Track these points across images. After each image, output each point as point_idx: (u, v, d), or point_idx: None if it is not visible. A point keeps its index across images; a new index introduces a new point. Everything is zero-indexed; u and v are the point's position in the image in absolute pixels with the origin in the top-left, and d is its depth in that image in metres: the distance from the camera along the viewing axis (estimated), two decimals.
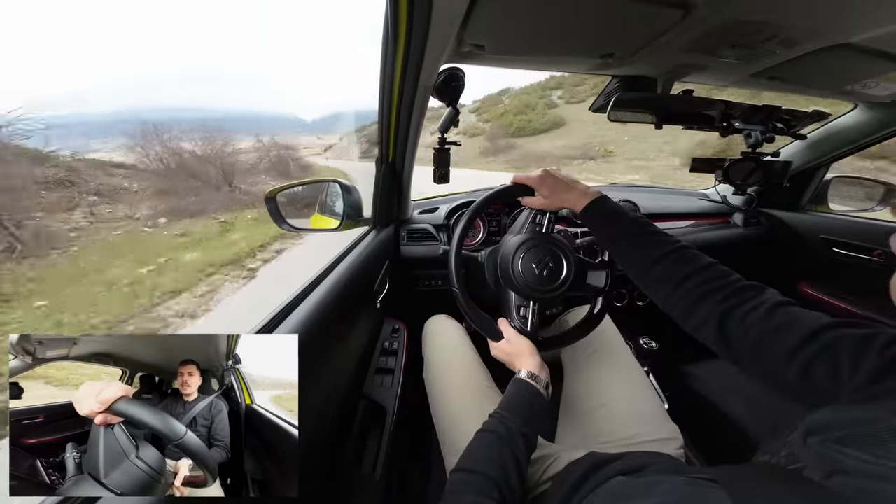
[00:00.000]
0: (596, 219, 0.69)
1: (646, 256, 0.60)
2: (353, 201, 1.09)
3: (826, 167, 1.42)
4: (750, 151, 1.09)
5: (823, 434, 0.31)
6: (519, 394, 0.65)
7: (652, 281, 0.59)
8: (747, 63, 0.81)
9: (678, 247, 0.59)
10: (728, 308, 0.50)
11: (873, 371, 0.36)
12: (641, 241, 0.62)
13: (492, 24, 0.64)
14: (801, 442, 0.32)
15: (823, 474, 0.29)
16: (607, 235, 0.66)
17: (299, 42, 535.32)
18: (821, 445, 0.30)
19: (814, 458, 0.30)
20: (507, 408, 0.62)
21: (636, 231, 0.63)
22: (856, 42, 0.70)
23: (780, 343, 0.43)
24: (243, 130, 21.37)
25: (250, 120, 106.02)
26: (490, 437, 0.57)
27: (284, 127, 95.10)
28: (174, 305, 5.03)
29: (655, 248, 0.59)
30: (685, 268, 0.55)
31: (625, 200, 1.40)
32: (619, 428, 0.75)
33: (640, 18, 0.64)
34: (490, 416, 0.62)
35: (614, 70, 0.91)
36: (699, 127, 1.01)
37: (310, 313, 0.64)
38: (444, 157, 1.06)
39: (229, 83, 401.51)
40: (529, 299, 0.78)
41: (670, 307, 0.57)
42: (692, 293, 0.53)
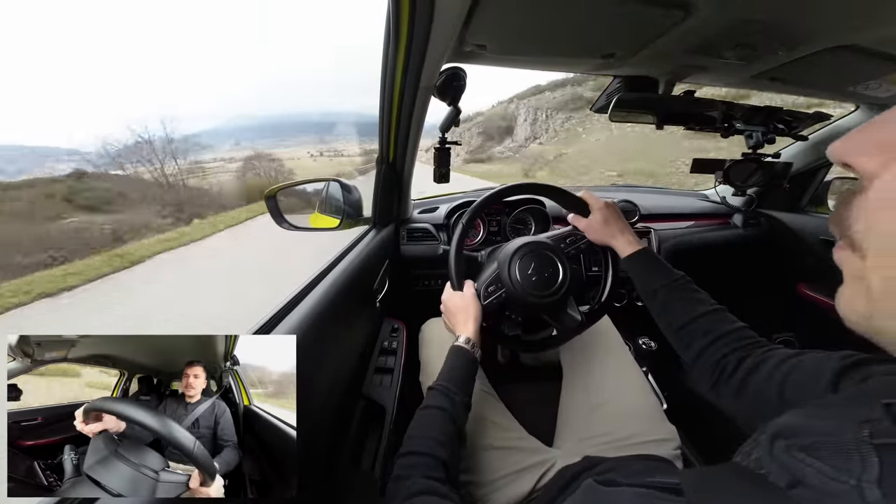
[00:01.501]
0: (642, 266, 0.72)
1: (688, 311, 0.63)
2: (352, 200, 1.08)
3: (827, 168, 1.42)
4: (751, 152, 1.09)
5: (790, 439, 0.29)
6: (459, 363, 0.67)
7: (688, 333, 0.62)
8: (749, 64, 0.81)
9: (718, 308, 0.63)
10: (756, 363, 0.52)
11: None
12: (684, 295, 0.66)
13: (494, 23, 0.64)
14: (768, 446, 0.30)
15: (786, 482, 0.27)
16: (651, 285, 0.69)
17: (298, 42, 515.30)
18: (785, 452, 0.28)
19: (776, 465, 0.28)
20: (449, 379, 0.64)
21: (680, 286, 0.67)
22: (858, 43, 0.70)
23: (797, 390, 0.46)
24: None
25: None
26: (436, 414, 0.58)
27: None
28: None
29: (699, 305, 0.63)
30: (726, 326, 0.59)
31: (625, 201, 1.40)
32: (616, 429, 0.75)
33: (641, 19, 0.63)
34: (432, 390, 0.63)
35: (616, 70, 0.90)
36: (700, 128, 1.01)
37: (308, 313, 0.64)
38: (444, 156, 1.06)
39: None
40: (522, 303, 0.79)
41: (700, 358, 0.59)
42: (727, 347, 0.56)
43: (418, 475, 0.49)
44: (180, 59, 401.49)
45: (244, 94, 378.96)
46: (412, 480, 0.48)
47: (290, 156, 61.60)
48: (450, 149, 1.05)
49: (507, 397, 0.86)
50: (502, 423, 0.77)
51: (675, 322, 0.63)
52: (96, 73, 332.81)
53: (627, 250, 0.74)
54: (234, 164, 34.73)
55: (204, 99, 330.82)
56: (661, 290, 0.67)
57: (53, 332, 0.37)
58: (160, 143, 24.09)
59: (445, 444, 0.54)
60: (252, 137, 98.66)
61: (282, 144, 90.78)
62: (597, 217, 0.80)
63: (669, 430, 0.75)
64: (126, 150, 23.72)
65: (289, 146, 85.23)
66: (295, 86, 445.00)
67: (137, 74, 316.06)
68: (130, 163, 22.88)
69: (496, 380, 0.89)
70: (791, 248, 1.50)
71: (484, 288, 0.80)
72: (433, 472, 0.50)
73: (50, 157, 44.23)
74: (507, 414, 0.81)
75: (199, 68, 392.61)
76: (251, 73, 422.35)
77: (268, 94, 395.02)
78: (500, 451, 0.71)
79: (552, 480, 0.65)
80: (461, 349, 0.69)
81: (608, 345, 0.91)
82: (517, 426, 0.79)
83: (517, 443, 0.74)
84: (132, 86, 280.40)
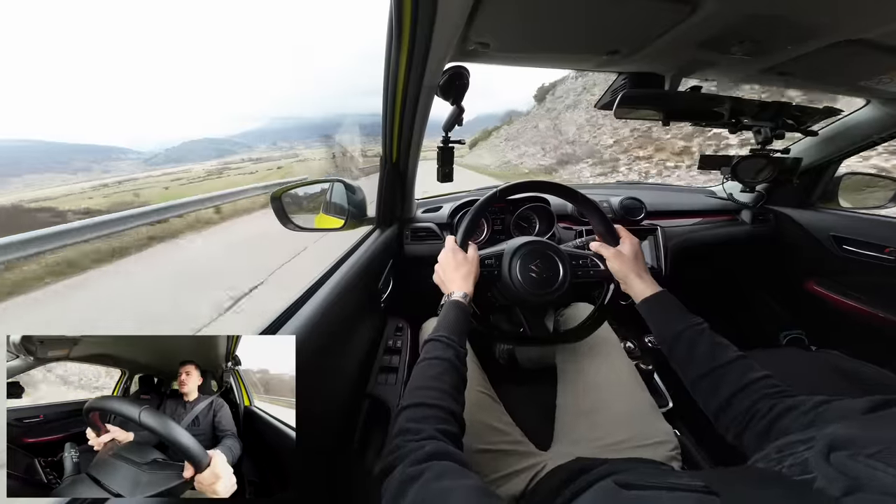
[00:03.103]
0: (662, 308, 0.71)
1: (715, 356, 0.61)
2: (356, 201, 1.08)
3: (837, 164, 1.40)
4: (759, 148, 1.07)
5: (851, 449, 0.29)
6: (461, 316, 0.68)
7: (715, 378, 0.60)
8: (757, 59, 0.79)
9: (742, 354, 0.61)
10: (787, 408, 0.51)
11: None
12: (709, 340, 0.63)
13: (497, 21, 0.63)
14: (823, 456, 0.30)
15: (843, 490, 0.27)
16: (675, 328, 0.67)
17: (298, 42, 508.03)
18: (849, 458, 0.28)
19: (835, 472, 0.28)
20: (451, 330, 0.63)
21: (703, 330, 0.65)
22: (869, 37, 0.68)
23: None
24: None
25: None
26: (442, 366, 0.57)
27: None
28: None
29: (727, 350, 0.61)
30: (755, 373, 0.57)
31: (630, 198, 1.39)
32: (611, 432, 0.74)
33: (646, 15, 0.63)
34: (432, 341, 0.61)
35: (621, 67, 0.89)
36: (707, 123, 0.99)
37: (314, 313, 0.64)
38: (447, 155, 1.05)
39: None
40: (519, 300, 0.81)
41: (731, 406, 0.57)
42: (757, 394, 0.55)
43: (430, 428, 0.45)
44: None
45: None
46: (424, 435, 0.44)
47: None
48: (453, 148, 1.05)
49: (506, 399, 0.85)
50: (498, 426, 0.76)
51: (701, 368, 0.62)
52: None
53: (647, 291, 0.73)
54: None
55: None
56: (686, 333, 0.65)
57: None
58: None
59: (454, 395, 0.52)
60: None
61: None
62: (627, 248, 0.80)
63: (665, 432, 0.74)
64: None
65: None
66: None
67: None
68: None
69: (495, 381, 0.88)
70: (800, 244, 1.48)
71: (483, 259, 0.83)
72: (445, 424, 0.47)
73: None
74: (505, 417, 0.80)
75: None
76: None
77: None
78: (493, 453, 0.70)
79: (543, 480, 0.64)
80: (460, 303, 0.70)
81: (601, 346, 0.89)
82: (514, 429, 0.78)
83: (512, 446, 0.73)
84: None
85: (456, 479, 0.36)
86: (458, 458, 0.41)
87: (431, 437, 0.44)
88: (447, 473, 0.37)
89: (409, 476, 0.37)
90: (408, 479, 0.36)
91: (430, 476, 0.36)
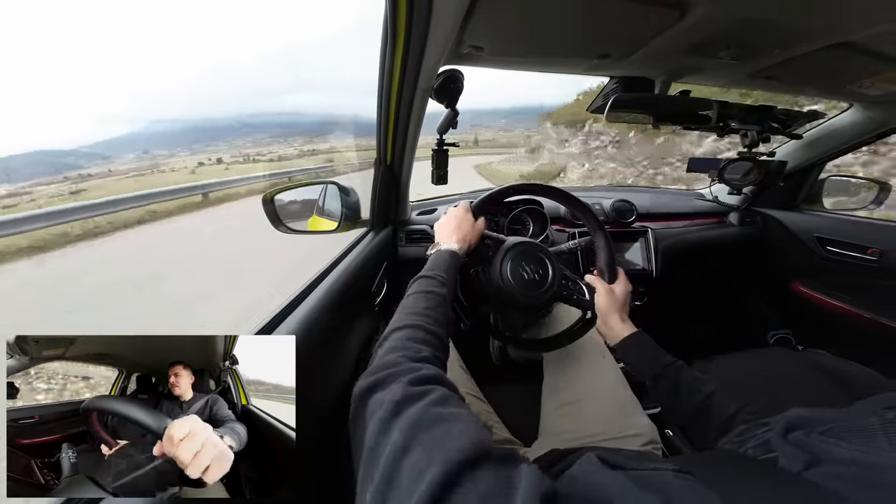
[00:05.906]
0: (640, 349, 0.75)
1: (700, 389, 0.64)
2: (351, 203, 1.08)
3: (821, 166, 1.44)
4: (746, 151, 1.10)
5: (807, 427, 0.32)
6: (452, 262, 0.68)
7: (702, 409, 0.62)
8: (744, 63, 0.81)
9: (715, 384, 0.64)
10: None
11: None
12: (689, 374, 0.66)
13: (491, 25, 0.64)
14: (781, 435, 0.33)
15: (802, 465, 0.29)
16: (659, 364, 0.70)
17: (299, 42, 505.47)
18: (804, 436, 0.31)
19: (791, 448, 0.31)
20: (444, 270, 0.64)
21: (681, 366, 0.68)
22: (852, 41, 0.70)
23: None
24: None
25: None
26: (437, 300, 0.55)
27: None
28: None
29: (706, 384, 0.64)
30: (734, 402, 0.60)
31: (622, 201, 1.40)
32: (589, 425, 0.75)
33: (637, 19, 0.64)
34: (427, 278, 0.60)
35: (611, 71, 0.91)
36: (695, 127, 1.01)
37: (308, 314, 0.64)
38: (442, 158, 1.06)
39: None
40: (505, 297, 0.81)
41: (730, 431, 0.57)
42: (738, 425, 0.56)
43: (429, 352, 0.42)
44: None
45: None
46: (424, 355, 0.41)
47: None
48: (447, 150, 1.05)
49: (494, 398, 0.85)
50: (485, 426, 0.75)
51: (691, 399, 0.64)
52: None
53: (625, 332, 0.78)
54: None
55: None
56: (669, 369, 0.68)
57: None
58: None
59: (444, 325, 0.50)
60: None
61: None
62: (620, 289, 0.85)
63: (642, 426, 0.74)
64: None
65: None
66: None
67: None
68: None
69: (484, 380, 0.89)
70: (786, 245, 1.51)
71: (485, 237, 0.86)
72: (441, 354, 0.44)
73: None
74: (493, 416, 0.81)
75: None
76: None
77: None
78: None
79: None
80: (455, 252, 0.71)
81: (586, 343, 0.90)
82: (500, 426, 0.79)
83: (497, 443, 0.73)
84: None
85: (460, 407, 0.34)
86: (455, 390, 0.37)
87: (431, 362, 0.41)
88: (450, 400, 0.34)
89: (409, 395, 0.33)
90: (406, 399, 0.33)
91: (433, 399, 0.33)
